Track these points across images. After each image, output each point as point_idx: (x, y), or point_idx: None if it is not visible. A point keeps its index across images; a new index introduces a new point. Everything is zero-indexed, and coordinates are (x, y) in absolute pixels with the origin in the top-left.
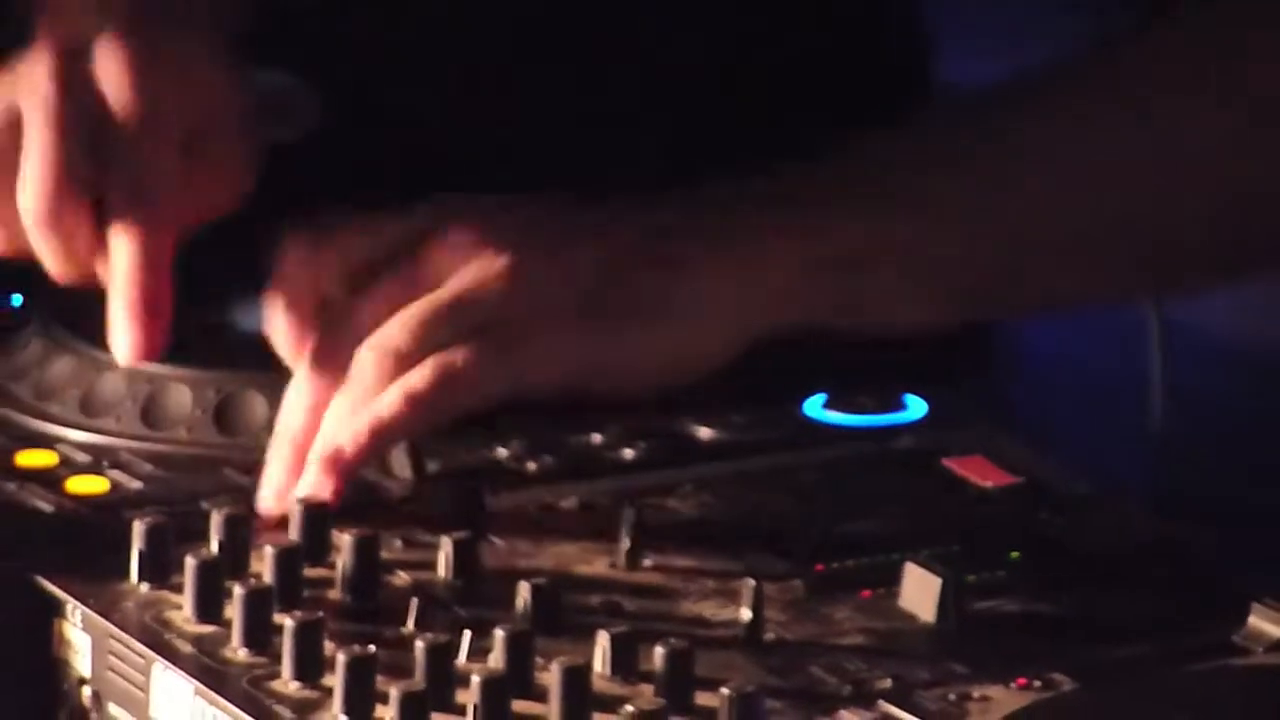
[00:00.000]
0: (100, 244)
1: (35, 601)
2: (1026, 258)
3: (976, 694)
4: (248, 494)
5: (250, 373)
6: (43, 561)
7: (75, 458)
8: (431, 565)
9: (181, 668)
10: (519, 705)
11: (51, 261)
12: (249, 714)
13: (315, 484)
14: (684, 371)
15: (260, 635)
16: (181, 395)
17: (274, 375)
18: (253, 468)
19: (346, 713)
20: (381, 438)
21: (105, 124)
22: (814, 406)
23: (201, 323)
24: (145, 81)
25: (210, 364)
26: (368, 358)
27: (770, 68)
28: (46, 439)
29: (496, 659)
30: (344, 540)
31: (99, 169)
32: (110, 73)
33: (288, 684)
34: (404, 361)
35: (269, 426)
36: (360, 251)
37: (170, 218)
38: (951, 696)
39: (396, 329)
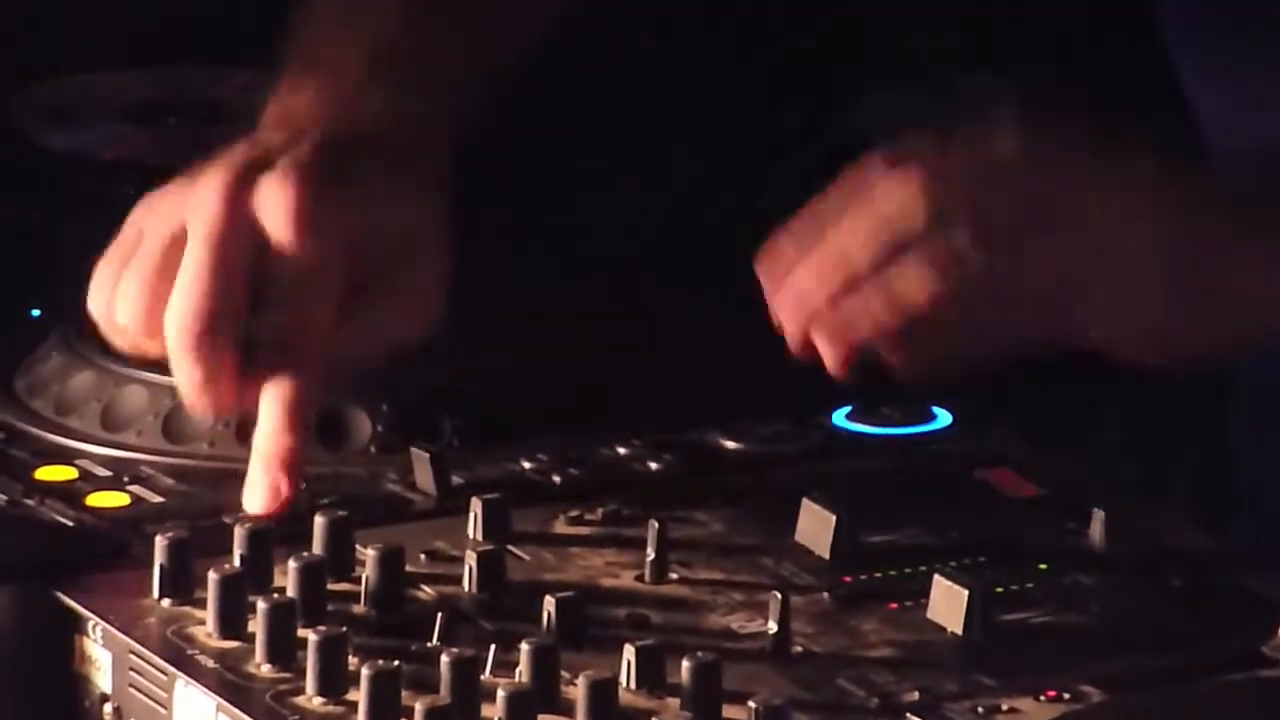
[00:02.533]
0: (242, 380)
1: (56, 617)
2: None
3: (1005, 706)
4: None
5: None
6: (63, 577)
7: (96, 472)
8: (456, 579)
9: (204, 684)
10: (545, 719)
11: (188, 390)
12: None
13: None
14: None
15: (284, 650)
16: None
17: None
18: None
19: None
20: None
21: (266, 258)
22: (841, 417)
23: None
24: (312, 222)
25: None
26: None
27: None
28: (67, 453)
29: (522, 673)
30: (368, 554)
31: (254, 302)
32: (276, 207)
33: (311, 699)
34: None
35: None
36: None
37: (321, 365)
38: (980, 709)
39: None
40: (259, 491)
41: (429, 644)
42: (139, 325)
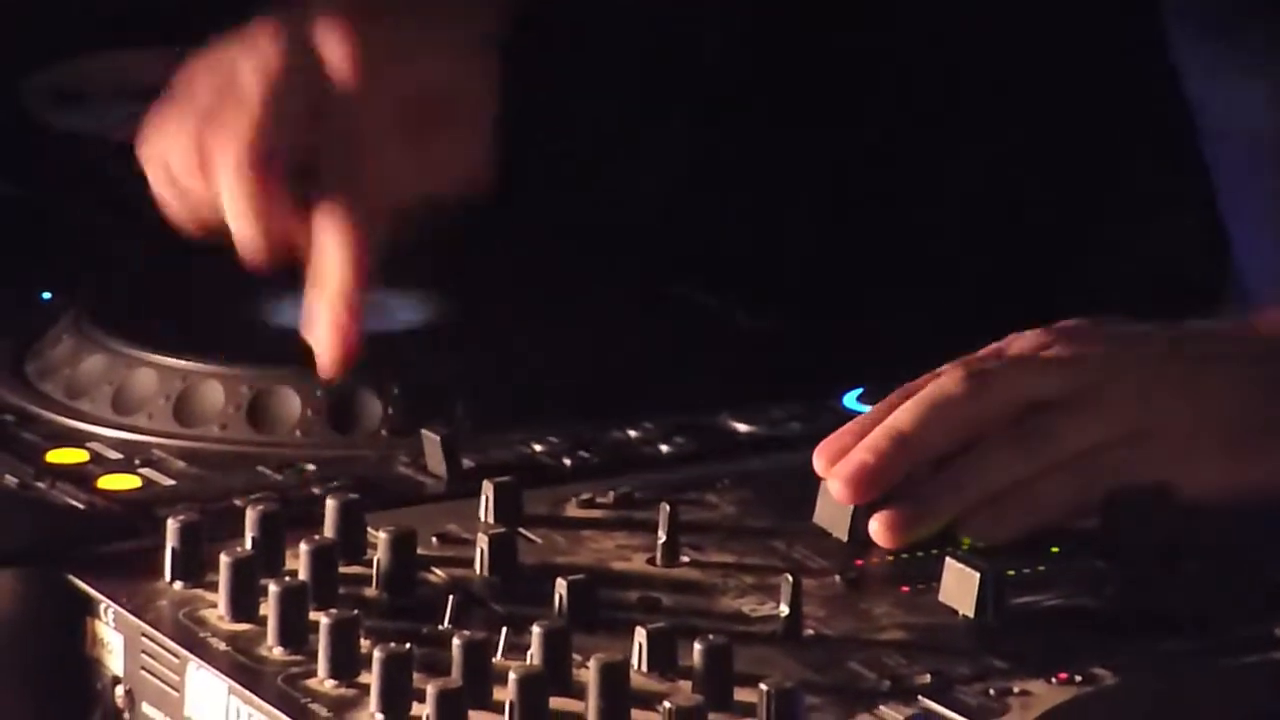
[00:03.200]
0: (298, 223)
1: (68, 600)
2: None
3: (1017, 689)
4: (281, 490)
5: (282, 369)
6: (75, 560)
7: (107, 455)
8: (468, 562)
9: (216, 666)
10: (556, 702)
11: (239, 224)
12: (284, 713)
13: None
14: None
15: (295, 633)
16: (214, 392)
17: (306, 370)
18: (285, 464)
19: (383, 711)
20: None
21: (322, 95)
22: (852, 400)
23: (234, 318)
24: (368, 60)
25: (243, 360)
26: (955, 369)
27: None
28: (78, 436)
29: (534, 656)
30: (380, 537)
31: (310, 143)
32: (334, 42)
33: (323, 682)
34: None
35: (301, 423)
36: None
37: (382, 201)
38: (991, 691)
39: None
40: (326, 351)
41: (440, 627)
42: (191, 165)
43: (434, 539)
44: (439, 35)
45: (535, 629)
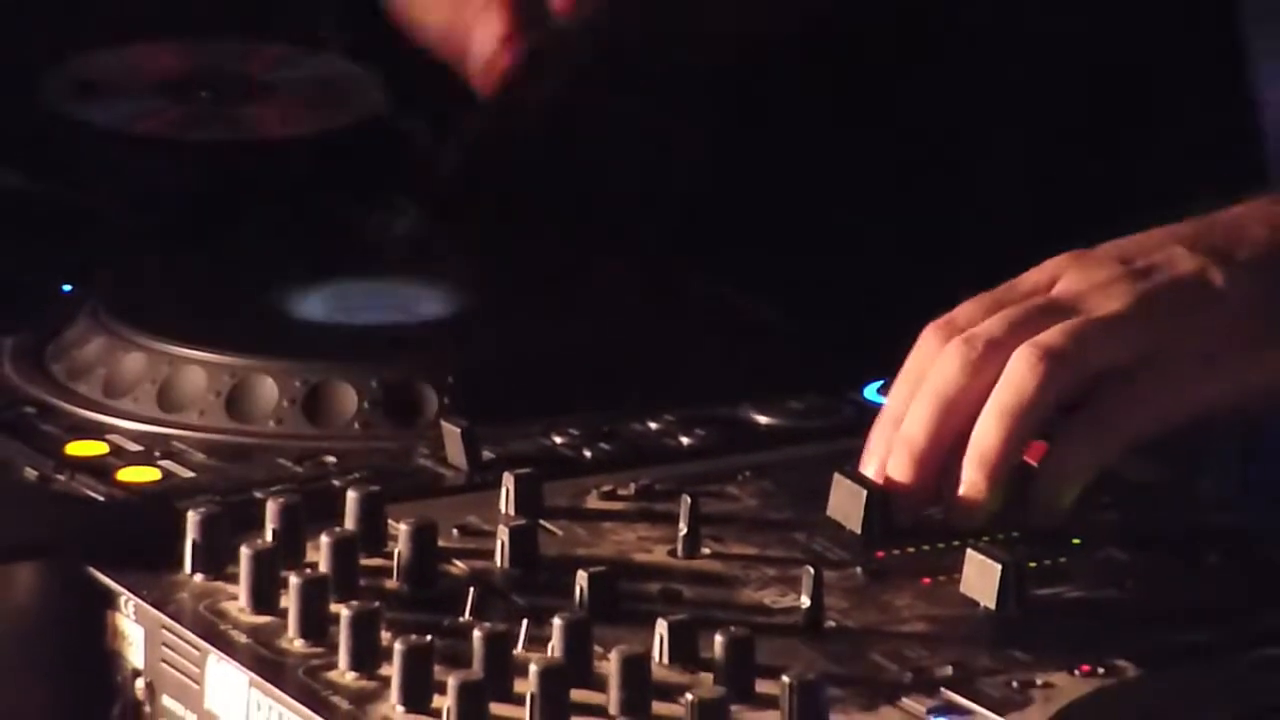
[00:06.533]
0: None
1: (88, 593)
2: None
3: (1039, 681)
4: (301, 482)
5: (336, 362)
6: (95, 553)
7: (127, 447)
8: (489, 554)
9: (236, 659)
10: (578, 694)
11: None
12: (305, 705)
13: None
14: None
15: (316, 625)
16: (243, 384)
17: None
18: (305, 456)
19: (404, 703)
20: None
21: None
22: (872, 392)
23: (258, 308)
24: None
25: (294, 354)
26: (1024, 354)
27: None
28: (98, 428)
29: (555, 648)
30: (400, 529)
31: None
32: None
33: (344, 674)
34: (1062, 362)
35: (337, 413)
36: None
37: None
38: (1014, 683)
39: (1058, 335)
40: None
41: (461, 619)
42: None
43: (454, 531)
44: None
45: (556, 621)
